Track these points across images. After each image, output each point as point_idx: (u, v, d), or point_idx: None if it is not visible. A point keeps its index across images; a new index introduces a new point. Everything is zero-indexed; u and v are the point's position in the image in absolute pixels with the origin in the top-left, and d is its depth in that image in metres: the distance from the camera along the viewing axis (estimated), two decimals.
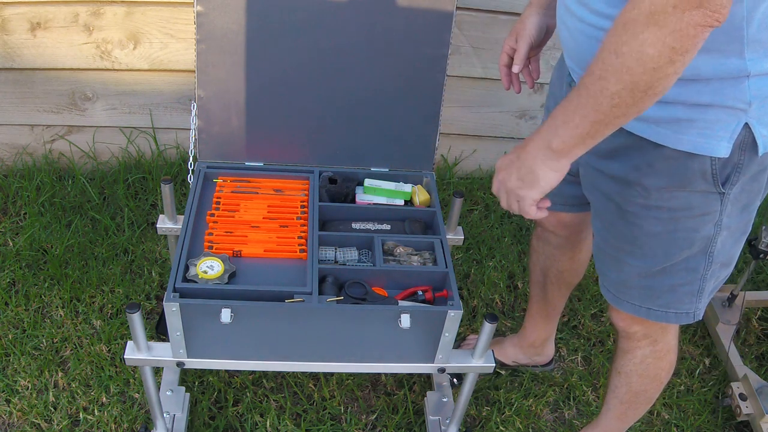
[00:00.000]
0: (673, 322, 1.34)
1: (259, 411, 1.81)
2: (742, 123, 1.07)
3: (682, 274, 1.26)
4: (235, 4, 1.47)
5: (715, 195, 1.15)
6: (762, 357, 2.14)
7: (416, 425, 1.84)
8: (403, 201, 1.62)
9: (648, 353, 1.47)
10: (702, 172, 1.11)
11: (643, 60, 0.90)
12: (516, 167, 1.12)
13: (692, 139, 1.09)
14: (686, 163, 1.11)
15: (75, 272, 2.08)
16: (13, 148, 2.43)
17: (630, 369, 1.51)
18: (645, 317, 1.35)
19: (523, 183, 1.12)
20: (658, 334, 1.43)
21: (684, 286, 1.28)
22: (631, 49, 0.90)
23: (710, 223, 1.19)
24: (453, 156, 2.63)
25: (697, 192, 1.14)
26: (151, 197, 2.39)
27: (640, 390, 1.55)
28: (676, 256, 1.24)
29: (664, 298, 1.30)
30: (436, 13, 1.52)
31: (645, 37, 0.89)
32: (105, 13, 2.13)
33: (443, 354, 1.40)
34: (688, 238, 1.21)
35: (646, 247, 1.25)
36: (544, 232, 1.69)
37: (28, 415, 1.74)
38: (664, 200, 1.17)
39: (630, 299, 1.35)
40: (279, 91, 1.58)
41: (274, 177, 1.64)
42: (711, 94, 1.05)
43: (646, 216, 1.21)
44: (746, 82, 1.04)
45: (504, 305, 2.21)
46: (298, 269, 1.42)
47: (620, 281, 1.34)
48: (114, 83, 2.30)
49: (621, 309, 1.38)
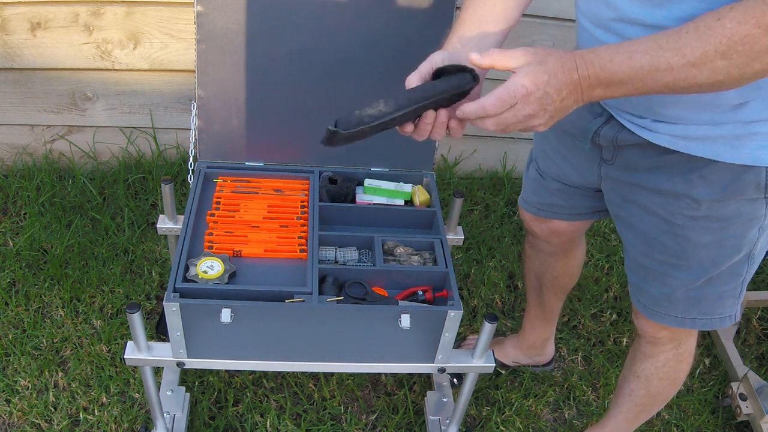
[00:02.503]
0: (717, 327, 1.33)
1: (259, 411, 1.81)
2: None
3: (728, 279, 1.26)
4: (235, 4, 1.47)
5: (761, 200, 1.15)
6: (762, 357, 2.14)
7: (416, 425, 1.84)
8: (403, 201, 1.62)
9: (671, 357, 1.46)
10: (756, 183, 1.11)
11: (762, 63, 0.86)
12: (551, 110, 0.96)
13: (750, 152, 1.08)
14: (741, 174, 1.11)
15: (75, 272, 2.08)
16: (13, 148, 2.43)
17: (651, 373, 1.50)
18: (690, 328, 1.33)
19: (551, 120, 0.98)
20: (683, 338, 1.43)
21: (728, 291, 1.28)
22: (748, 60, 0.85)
23: (755, 227, 1.19)
24: (453, 156, 2.63)
25: (746, 200, 1.14)
26: (151, 197, 2.39)
27: (658, 393, 1.55)
28: (723, 264, 1.23)
29: (709, 305, 1.29)
30: (436, 13, 1.52)
31: None
32: (105, 13, 2.13)
33: (443, 354, 1.40)
34: (737, 245, 1.20)
35: (694, 258, 1.23)
36: (535, 240, 1.67)
37: (28, 415, 1.74)
38: (714, 210, 1.16)
39: (673, 312, 1.33)
40: (279, 91, 1.58)
41: (274, 177, 1.64)
42: (760, 110, 1.04)
43: (693, 227, 1.19)
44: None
45: (504, 305, 2.21)
46: (298, 269, 1.42)
47: (664, 296, 1.32)
48: (114, 83, 2.30)
49: (662, 323, 1.35)
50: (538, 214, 1.56)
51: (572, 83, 0.94)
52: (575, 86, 0.94)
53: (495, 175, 2.66)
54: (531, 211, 1.58)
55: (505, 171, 2.66)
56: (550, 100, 0.94)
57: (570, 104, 0.96)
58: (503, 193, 2.58)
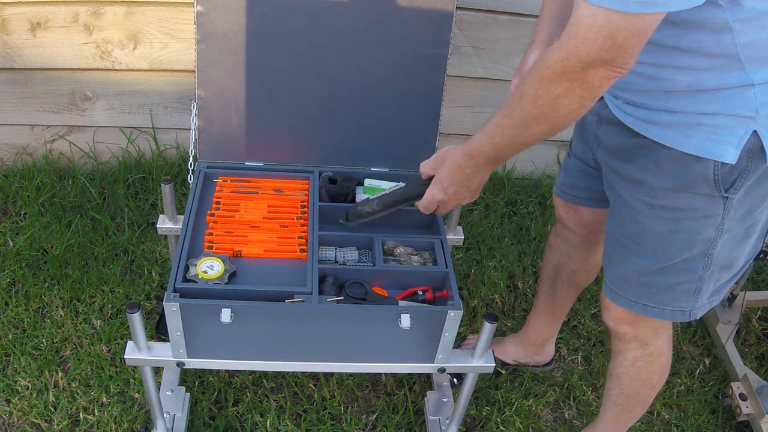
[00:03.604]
0: (668, 318, 1.35)
1: (259, 411, 1.81)
2: (751, 130, 1.09)
3: (681, 274, 1.28)
4: (235, 4, 1.47)
5: (718, 199, 1.16)
6: (762, 357, 2.14)
7: (416, 425, 1.84)
8: None
9: (639, 356, 1.48)
10: (705, 176, 1.13)
11: (558, 108, 1.05)
12: (467, 185, 1.27)
13: (699, 143, 1.11)
14: (691, 166, 1.14)
15: (75, 272, 2.08)
16: (13, 148, 2.43)
17: (621, 371, 1.53)
18: (641, 313, 1.36)
19: (468, 190, 1.28)
20: (649, 337, 1.44)
21: (682, 285, 1.29)
22: (547, 102, 1.05)
23: (712, 226, 1.20)
24: None
25: (701, 195, 1.16)
26: (151, 197, 2.39)
27: (632, 392, 1.56)
28: (676, 256, 1.25)
29: (662, 295, 1.32)
30: (436, 13, 1.52)
31: (559, 91, 1.02)
32: (105, 13, 2.13)
33: (443, 354, 1.40)
34: (689, 239, 1.22)
35: (648, 245, 1.27)
36: (562, 229, 1.71)
37: (28, 415, 1.74)
38: (669, 200, 1.20)
39: (628, 295, 1.36)
40: (279, 91, 1.58)
41: (274, 177, 1.64)
42: (719, 103, 1.08)
43: (650, 214, 1.24)
44: (752, 91, 1.07)
45: (504, 305, 2.21)
46: (298, 269, 1.42)
47: (620, 276, 1.36)
48: (114, 83, 2.30)
49: (618, 304, 1.39)
50: (562, 196, 1.61)
51: (465, 176, 1.24)
52: (470, 176, 1.24)
53: (495, 175, 2.66)
54: (558, 194, 1.63)
55: (505, 171, 2.66)
56: (460, 190, 1.28)
57: (477, 183, 1.26)
58: (503, 193, 2.58)
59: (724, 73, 1.06)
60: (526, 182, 2.68)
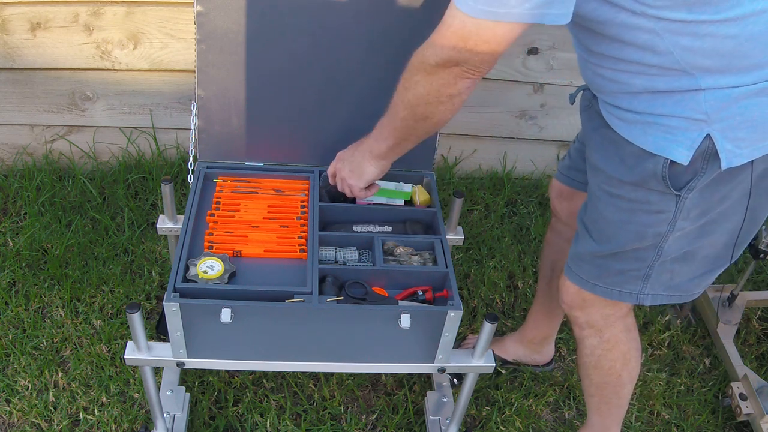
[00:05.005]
0: (616, 299, 1.38)
1: (259, 411, 1.81)
2: (704, 133, 1.13)
3: (632, 261, 1.32)
4: (235, 4, 1.47)
5: (671, 196, 1.20)
6: (762, 357, 2.14)
7: (416, 425, 1.84)
8: (403, 201, 1.62)
9: (596, 343, 1.50)
10: (654, 173, 1.18)
11: (418, 96, 1.19)
12: (349, 161, 1.44)
13: (654, 140, 1.17)
14: (645, 161, 1.19)
15: (75, 272, 2.08)
16: (13, 148, 2.43)
17: (584, 360, 1.56)
18: (590, 291, 1.40)
19: (353, 174, 1.44)
20: (601, 324, 1.47)
21: (632, 271, 1.34)
22: (409, 87, 1.20)
23: (664, 222, 1.24)
24: (453, 156, 2.63)
25: (654, 191, 1.21)
26: (151, 197, 2.39)
27: (600, 382, 1.59)
28: (627, 245, 1.30)
29: (612, 278, 1.36)
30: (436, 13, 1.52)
31: (417, 79, 1.17)
32: (105, 13, 2.13)
33: (443, 354, 1.40)
34: (641, 231, 1.26)
35: (603, 231, 1.33)
36: (557, 223, 1.73)
37: (28, 415, 1.74)
38: (626, 191, 1.25)
39: (580, 273, 1.41)
40: (279, 91, 1.58)
41: (274, 177, 1.64)
42: (671, 105, 1.14)
43: (607, 202, 1.29)
44: (701, 95, 1.11)
45: (504, 305, 2.21)
46: (298, 269, 1.42)
47: (577, 254, 1.41)
48: (114, 83, 2.30)
49: (571, 280, 1.43)
50: (560, 178, 1.65)
51: (355, 159, 1.43)
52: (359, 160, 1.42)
53: (495, 175, 2.66)
54: (557, 176, 1.66)
55: (505, 171, 2.66)
56: (346, 165, 1.45)
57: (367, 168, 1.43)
58: (503, 193, 2.58)
59: (674, 78, 1.11)
60: (526, 182, 2.68)
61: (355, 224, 1.55)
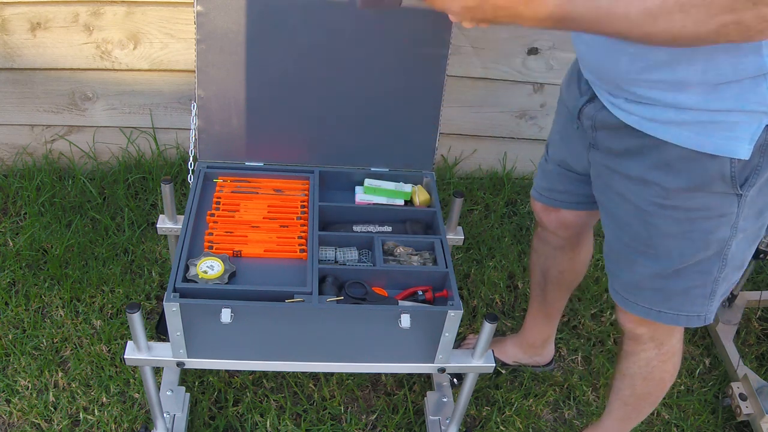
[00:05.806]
0: (684, 324, 1.32)
1: (259, 411, 1.81)
2: (763, 125, 1.06)
3: (696, 276, 1.25)
4: (235, 4, 1.47)
5: (732, 197, 1.14)
6: (762, 357, 2.14)
7: (416, 425, 1.84)
8: (403, 201, 1.62)
9: (653, 356, 1.45)
10: (721, 174, 1.11)
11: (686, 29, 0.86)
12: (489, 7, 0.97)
13: (714, 141, 1.08)
14: (706, 164, 1.11)
15: (75, 272, 2.08)
16: (13, 148, 2.43)
17: (635, 371, 1.50)
18: (655, 320, 1.33)
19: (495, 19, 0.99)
20: (665, 337, 1.42)
21: (697, 288, 1.27)
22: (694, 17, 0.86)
23: (726, 225, 1.18)
24: (453, 156, 2.63)
25: (715, 193, 1.14)
26: (151, 197, 2.39)
27: (644, 393, 1.54)
28: (690, 258, 1.23)
29: (676, 300, 1.29)
30: (436, 13, 1.52)
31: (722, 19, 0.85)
32: (105, 13, 2.13)
33: (443, 354, 1.40)
34: (704, 239, 1.19)
35: (661, 247, 1.24)
36: (543, 232, 1.69)
37: (28, 415, 1.74)
38: (682, 200, 1.17)
39: (641, 302, 1.33)
40: (279, 91, 1.58)
41: (274, 177, 1.64)
42: (732, 99, 1.04)
43: (662, 215, 1.20)
44: (764, 84, 1.03)
45: (504, 305, 2.21)
46: (298, 269, 1.42)
47: (632, 283, 1.33)
48: (114, 83, 2.30)
49: (631, 312, 1.36)
50: (541, 200, 1.59)
51: None
52: None
53: (495, 175, 2.66)
54: (536, 197, 1.61)
55: (505, 171, 2.66)
56: None
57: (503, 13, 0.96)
58: (503, 193, 2.58)
59: (741, 57, 0.99)
60: (526, 182, 2.68)
61: (355, 224, 1.55)
